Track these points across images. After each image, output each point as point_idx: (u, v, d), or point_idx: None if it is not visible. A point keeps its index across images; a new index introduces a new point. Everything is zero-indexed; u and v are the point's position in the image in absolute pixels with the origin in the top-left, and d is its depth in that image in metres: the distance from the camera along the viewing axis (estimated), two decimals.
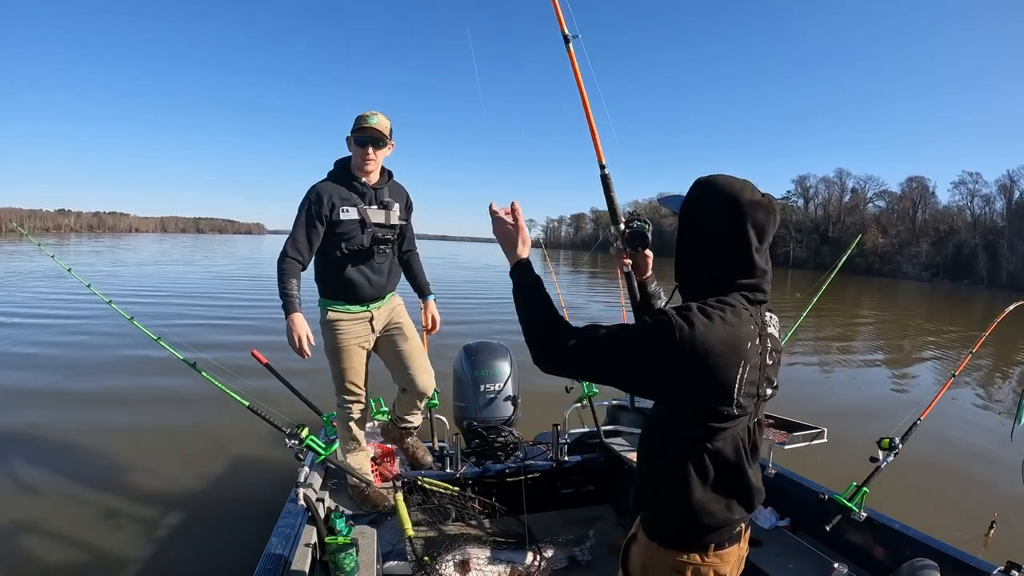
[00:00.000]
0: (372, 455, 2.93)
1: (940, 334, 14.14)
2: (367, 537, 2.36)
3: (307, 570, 1.99)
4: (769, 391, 1.18)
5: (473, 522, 2.78)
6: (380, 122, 2.42)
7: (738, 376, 1.05)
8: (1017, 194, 55.60)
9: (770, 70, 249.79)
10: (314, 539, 2.15)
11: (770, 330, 1.17)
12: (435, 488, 2.71)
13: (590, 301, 18.08)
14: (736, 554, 1.24)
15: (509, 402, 3.16)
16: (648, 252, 1.57)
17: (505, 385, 3.17)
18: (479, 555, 2.42)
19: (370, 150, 2.42)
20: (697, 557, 1.19)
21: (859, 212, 71.81)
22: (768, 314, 1.19)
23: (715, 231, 1.15)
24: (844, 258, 3.78)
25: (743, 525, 1.25)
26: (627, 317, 3.09)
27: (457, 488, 2.76)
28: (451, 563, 2.37)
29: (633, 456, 3.01)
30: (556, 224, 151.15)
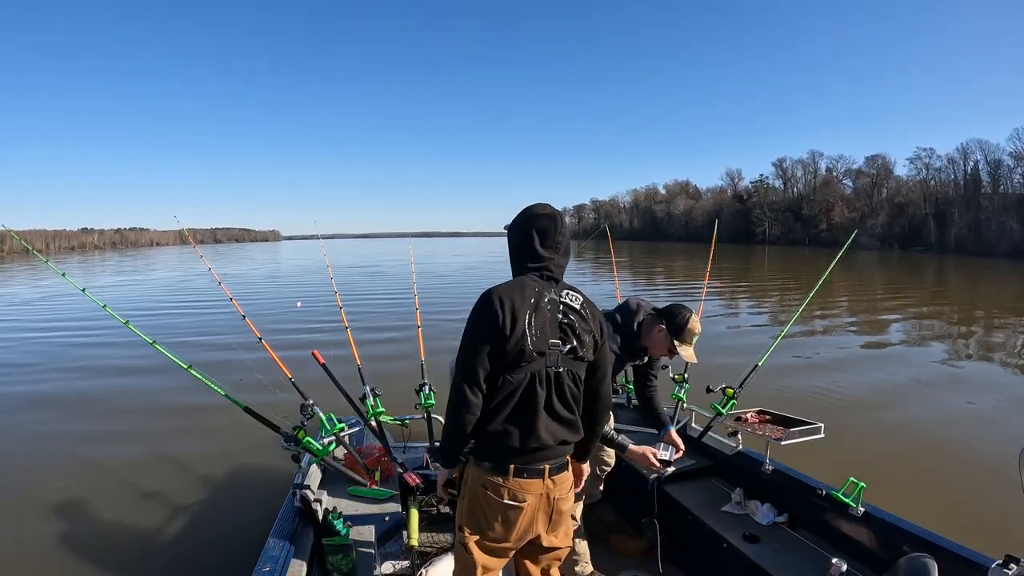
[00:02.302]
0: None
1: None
2: (365, 538, 2.36)
3: (305, 571, 1.99)
4: (567, 345, 1.56)
5: None
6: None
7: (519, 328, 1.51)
8: (971, 165, 61.18)
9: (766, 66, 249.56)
10: (312, 540, 2.15)
11: (567, 300, 1.60)
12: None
13: (592, 283, 18.18)
14: (539, 488, 1.57)
15: None
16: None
17: None
18: None
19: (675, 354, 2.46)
20: (499, 477, 1.56)
21: (829, 189, 76.36)
22: (566, 291, 1.63)
23: (513, 235, 1.67)
24: (840, 255, 3.81)
25: (546, 466, 1.57)
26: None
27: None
28: (450, 563, 2.37)
29: None
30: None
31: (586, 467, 1.83)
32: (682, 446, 2.55)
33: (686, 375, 3.23)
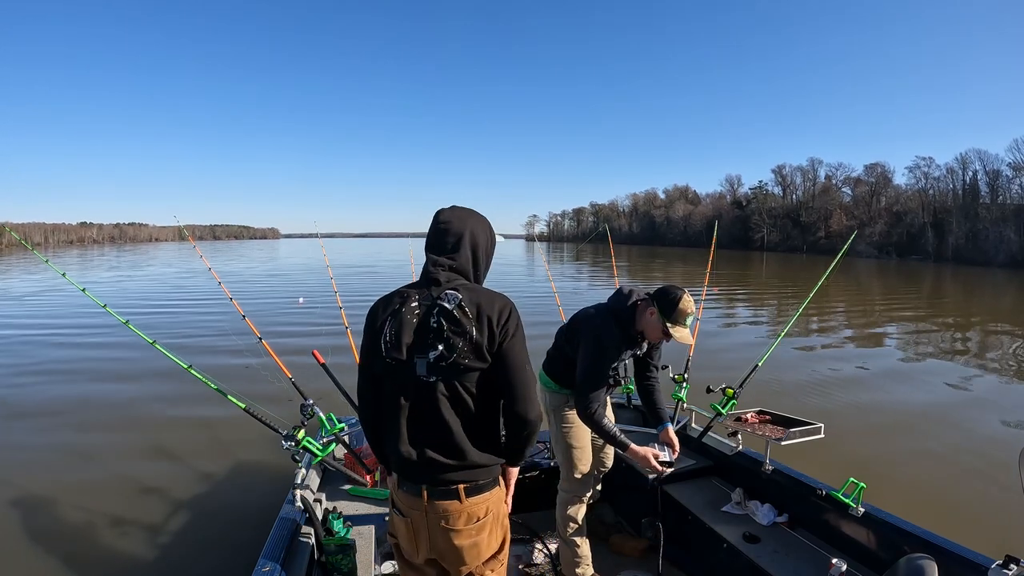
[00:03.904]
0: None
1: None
2: (365, 538, 2.35)
3: (305, 571, 1.98)
4: (432, 352, 1.41)
5: None
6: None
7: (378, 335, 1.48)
8: (970, 174, 61.90)
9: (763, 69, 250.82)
10: (312, 540, 2.14)
11: (441, 301, 1.44)
12: None
13: (590, 287, 18.20)
14: (420, 508, 1.46)
15: None
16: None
17: None
18: None
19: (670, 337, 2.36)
20: (393, 483, 1.54)
21: (828, 196, 77.11)
22: (446, 291, 1.45)
23: None
24: (840, 257, 3.82)
25: (424, 488, 1.45)
26: None
27: None
28: None
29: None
30: (559, 219, 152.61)
31: (514, 471, 1.62)
32: (677, 445, 2.51)
33: (686, 375, 3.23)
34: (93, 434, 5.26)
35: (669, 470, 2.41)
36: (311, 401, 2.59)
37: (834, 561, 2.03)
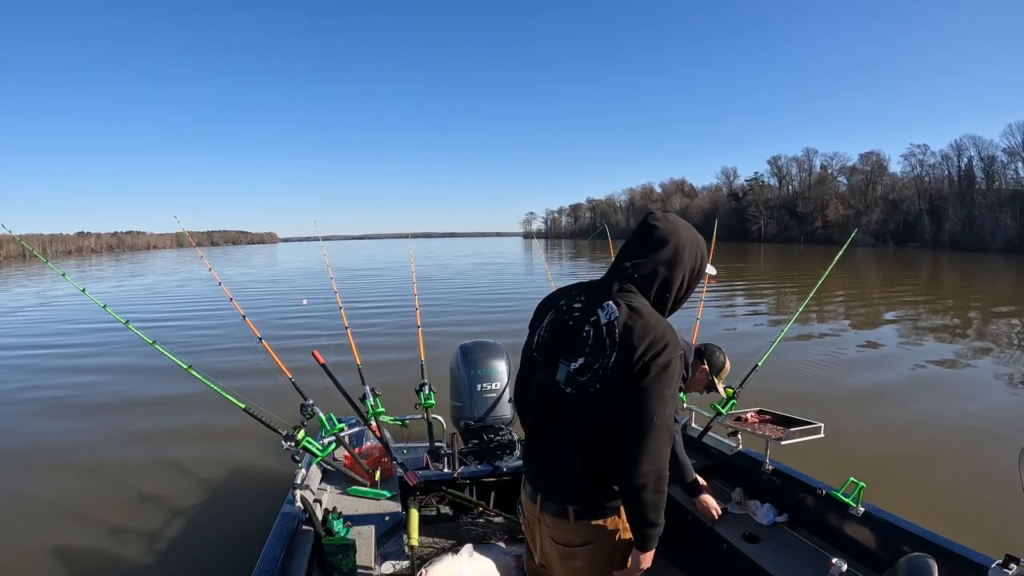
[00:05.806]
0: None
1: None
2: (365, 538, 2.35)
3: (305, 571, 1.98)
4: (572, 363, 1.30)
5: (470, 521, 2.78)
6: None
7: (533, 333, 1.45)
8: (965, 161, 62.03)
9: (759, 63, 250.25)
10: (312, 540, 2.14)
11: (599, 311, 1.30)
12: (453, 497, 2.73)
13: None
14: (534, 513, 1.43)
15: (506, 402, 3.15)
16: None
17: (502, 385, 3.16)
18: (478, 555, 2.42)
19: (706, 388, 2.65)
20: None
21: (824, 186, 77.45)
22: (609, 301, 1.31)
23: None
24: (840, 255, 3.82)
25: (540, 495, 1.41)
26: None
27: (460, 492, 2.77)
28: (450, 563, 2.36)
29: None
30: (557, 215, 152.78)
31: (646, 558, 1.36)
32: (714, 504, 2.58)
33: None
34: (91, 436, 5.26)
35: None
36: (311, 401, 2.60)
37: (834, 561, 2.03)
